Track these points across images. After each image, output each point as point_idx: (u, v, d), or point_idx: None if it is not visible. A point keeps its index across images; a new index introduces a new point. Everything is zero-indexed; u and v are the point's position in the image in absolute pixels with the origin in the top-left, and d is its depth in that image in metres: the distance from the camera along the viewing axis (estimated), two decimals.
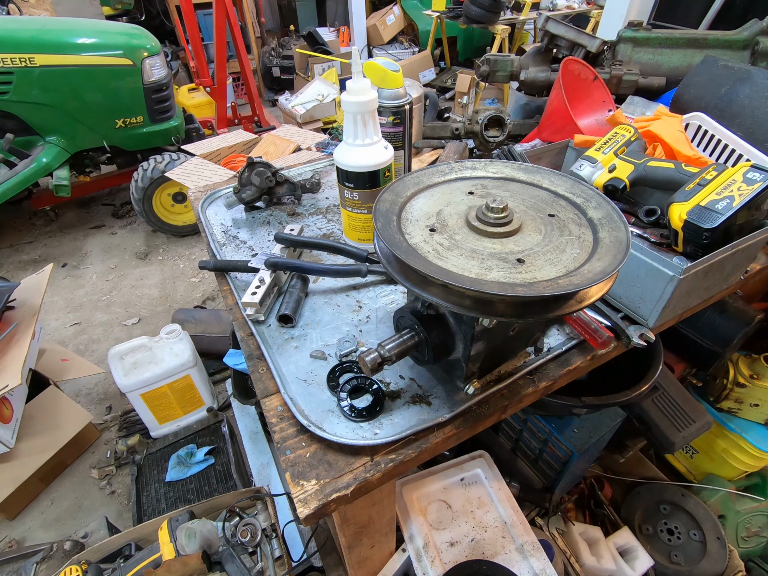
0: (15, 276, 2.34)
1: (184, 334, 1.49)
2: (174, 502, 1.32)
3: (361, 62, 0.61)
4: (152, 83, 2.38)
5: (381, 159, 0.64)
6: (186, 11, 2.87)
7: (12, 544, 1.31)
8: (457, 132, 1.04)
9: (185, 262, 2.46)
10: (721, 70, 0.96)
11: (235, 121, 3.55)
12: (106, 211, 2.89)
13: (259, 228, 0.83)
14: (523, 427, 1.10)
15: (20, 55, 2.06)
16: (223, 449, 1.45)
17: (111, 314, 2.12)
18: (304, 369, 0.55)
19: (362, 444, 0.46)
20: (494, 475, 0.91)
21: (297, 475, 0.44)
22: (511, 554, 0.80)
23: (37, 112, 2.22)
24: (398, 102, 0.71)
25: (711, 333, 1.12)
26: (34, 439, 1.38)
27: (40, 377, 1.47)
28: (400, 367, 0.55)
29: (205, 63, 3.18)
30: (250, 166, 0.84)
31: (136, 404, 1.43)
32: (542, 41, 1.25)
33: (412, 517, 0.84)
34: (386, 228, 0.44)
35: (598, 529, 1.09)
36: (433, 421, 0.48)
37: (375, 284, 0.68)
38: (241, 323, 0.63)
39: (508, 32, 3.68)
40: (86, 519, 1.36)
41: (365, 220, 0.70)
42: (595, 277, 0.38)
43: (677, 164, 0.68)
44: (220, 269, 0.71)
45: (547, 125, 1.05)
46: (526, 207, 0.49)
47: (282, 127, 1.62)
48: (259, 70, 4.53)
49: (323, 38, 4.23)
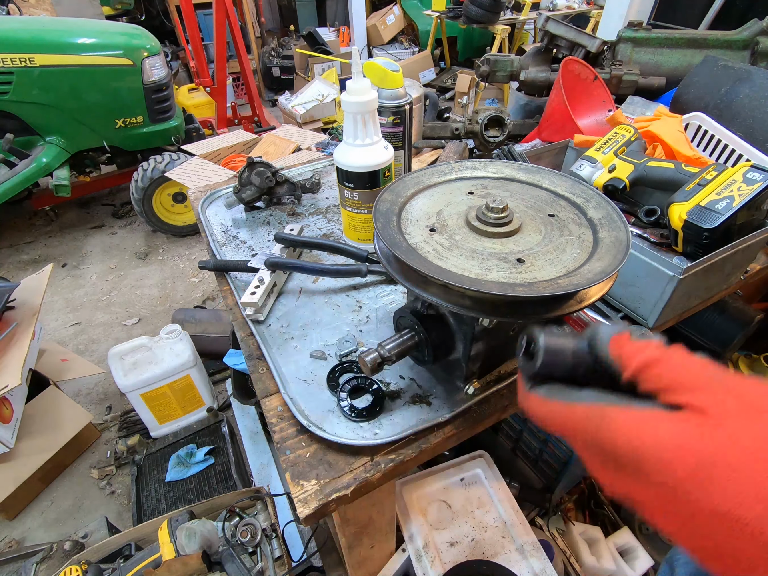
0: (15, 276, 2.34)
1: (184, 334, 1.49)
2: (174, 502, 1.32)
3: (361, 62, 0.61)
4: (152, 83, 2.37)
5: (381, 159, 0.64)
6: (186, 11, 2.86)
7: (12, 544, 1.31)
8: (457, 132, 1.04)
9: (185, 262, 2.46)
10: (721, 70, 0.96)
11: (235, 121, 3.55)
12: (106, 211, 2.89)
13: (259, 228, 0.83)
14: (523, 427, 1.10)
15: (20, 55, 2.06)
16: (223, 449, 1.45)
17: (111, 314, 2.12)
18: (304, 369, 0.55)
19: (362, 444, 0.46)
20: (494, 475, 0.91)
21: (297, 475, 0.44)
22: (511, 554, 0.80)
23: (37, 112, 2.22)
24: (398, 102, 0.71)
25: (711, 333, 1.12)
26: (34, 439, 1.37)
27: (40, 377, 1.47)
28: (400, 367, 0.55)
29: (205, 63, 3.18)
30: (250, 166, 0.84)
31: (136, 404, 1.43)
32: (542, 41, 1.25)
33: (412, 517, 0.84)
34: (386, 228, 0.44)
35: (598, 529, 1.09)
36: (433, 421, 0.48)
37: (375, 284, 0.68)
38: (241, 323, 0.63)
39: (508, 32, 3.68)
40: (86, 519, 1.36)
41: (365, 220, 0.70)
42: (595, 278, 0.38)
43: (677, 164, 0.68)
44: (220, 269, 0.71)
45: (547, 125, 1.05)
46: (526, 207, 0.49)
47: (282, 127, 1.62)
48: (259, 70, 4.52)
49: (323, 38, 4.23)
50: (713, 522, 0.18)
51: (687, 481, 0.19)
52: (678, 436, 0.20)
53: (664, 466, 0.20)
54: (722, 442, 0.19)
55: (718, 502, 0.18)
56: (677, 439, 0.20)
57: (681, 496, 0.19)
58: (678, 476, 0.19)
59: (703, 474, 0.19)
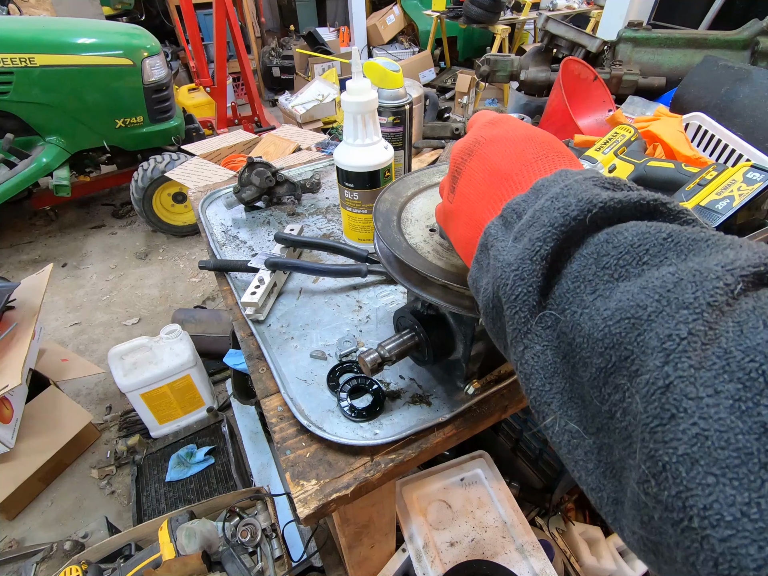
0: (15, 276, 2.34)
1: (184, 334, 1.49)
2: (174, 502, 1.32)
3: (361, 62, 0.61)
4: (152, 83, 2.37)
5: (381, 159, 0.64)
6: (186, 11, 2.86)
7: (12, 544, 1.31)
8: (457, 132, 1.04)
9: (185, 262, 2.46)
10: (721, 70, 0.96)
11: (235, 121, 3.55)
12: (106, 211, 2.89)
13: (259, 228, 0.83)
14: (523, 427, 1.10)
15: (20, 55, 2.06)
16: (223, 449, 1.45)
17: (111, 314, 2.12)
18: (304, 369, 0.55)
19: (362, 444, 0.46)
20: (494, 475, 0.91)
21: (297, 475, 0.44)
22: (511, 554, 0.80)
23: (37, 112, 2.22)
24: (398, 102, 0.71)
25: None
26: (34, 439, 1.38)
27: (40, 377, 1.47)
28: (400, 367, 0.55)
29: (205, 63, 3.18)
30: (250, 166, 0.84)
31: (136, 404, 1.43)
32: (542, 41, 1.25)
33: (412, 517, 0.84)
34: (386, 228, 0.44)
35: (598, 529, 1.09)
36: (433, 421, 0.48)
37: (375, 284, 0.68)
38: (241, 323, 0.63)
39: (508, 32, 3.68)
40: (86, 519, 1.36)
41: (365, 220, 0.70)
42: None
43: (677, 164, 0.68)
44: (219, 269, 0.71)
45: (547, 125, 1.05)
46: None
47: (282, 127, 1.62)
48: (259, 70, 4.52)
49: (323, 38, 4.23)
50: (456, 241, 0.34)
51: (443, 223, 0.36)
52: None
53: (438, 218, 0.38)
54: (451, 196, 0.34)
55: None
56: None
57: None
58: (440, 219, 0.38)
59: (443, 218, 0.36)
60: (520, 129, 0.30)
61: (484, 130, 0.31)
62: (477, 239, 0.28)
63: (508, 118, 0.32)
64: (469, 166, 0.31)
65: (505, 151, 0.29)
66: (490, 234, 0.26)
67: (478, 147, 0.30)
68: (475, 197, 0.30)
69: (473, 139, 0.31)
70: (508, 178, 0.28)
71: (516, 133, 0.30)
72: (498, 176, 0.28)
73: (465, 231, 0.31)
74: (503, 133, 0.30)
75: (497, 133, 0.30)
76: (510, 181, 0.28)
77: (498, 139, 0.30)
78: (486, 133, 0.31)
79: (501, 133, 0.30)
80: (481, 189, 0.29)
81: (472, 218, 0.30)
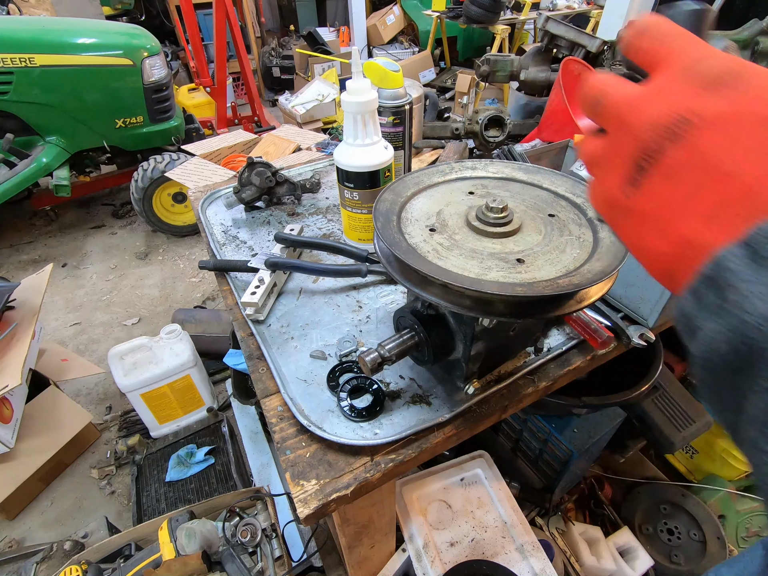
0: (15, 276, 2.34)
1: (184, 334, 1.49)
2: (174, 502, 1.32)
3: (361, 62, 0.61)
4: (152, 83, 2.37)
5: (381, 159, 0.64)
6: (186, 11, 2.87)
7: (12, 544, 1.31)
8: (457, 132, 1.04)
9: (185, 262, 2.46)
10: None
11: (235, 121, 3.55)
12: (106, 211, 2.89)
13: (259, 228, 0.83)
14: (523, 427, 1.10)
15: (20, 55, 2.06)
16: (223, 449, 1.45)
17: (111, 314, 2.12)
18: (304, 369, 0.55)
19: (362, 444, 0.46)
20: (494, 475, 0.91)
21: (297, 475, 0.44)
22: (511, 554, 0.80)
23: (37, 112, 2.22)
24: (398, 102, 0.71)
25: None
26: (34, 439, 1.38)
27: (40, 377, 1.47)
28: (400, 367, 0.55)
29: (205, 63, 3.18)
30: (250, 166, 0.84)
31: (136, 404, 1.43)
32: (542, 41, 1.25)
33: (412, 517, 0.84)
34: (386, 228, 0.44)
35: (598, 529, 1.09)
36: (433, 421, 0.48)
37: (375, 284, 0.68)
38: (241, 323, 0.63)
39: (508, 32, 3.68)
40: (86, 519, 1.36)
41: (365, 220, 0.70)
42: (595, 277, 0.38)
43: None
44: (219, 269, 0.71)
45: (547, 125, 1.05)
46: (526, 207, 0.49)
47: (282, 127, 1.62)
48: (259, 70, 4.53)
49: (323, 38, 4.23)
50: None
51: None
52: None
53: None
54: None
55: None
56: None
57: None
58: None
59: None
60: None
61: (699, 99, 0.20)
62: (677, 257, 0.21)
63: (749, 74, 0.20)
64: (674, 158, 0.21)
65: (744, 145, 0.19)
66: (727, 269, 0.19)
67: (690, 132, 0.20)
68: (681, 204, 0.21)
69: (678, 116, 0.20)
70: (750, 190, 0.19)
71: (764, 110, 0.19)
72: (730, 183, 0.19)
73: (657, 244, 0.23)
74: (739, 110, 0.19)
75: (727, 110, 0.19)
76: (752, 194, 0.19)
77: (728, 119, 0.19)
78: (705, 108, 0.20)
79: (735, 111, 0.19)
80: (694, 195, 0.20)
81: (673, 230, 0.22)
